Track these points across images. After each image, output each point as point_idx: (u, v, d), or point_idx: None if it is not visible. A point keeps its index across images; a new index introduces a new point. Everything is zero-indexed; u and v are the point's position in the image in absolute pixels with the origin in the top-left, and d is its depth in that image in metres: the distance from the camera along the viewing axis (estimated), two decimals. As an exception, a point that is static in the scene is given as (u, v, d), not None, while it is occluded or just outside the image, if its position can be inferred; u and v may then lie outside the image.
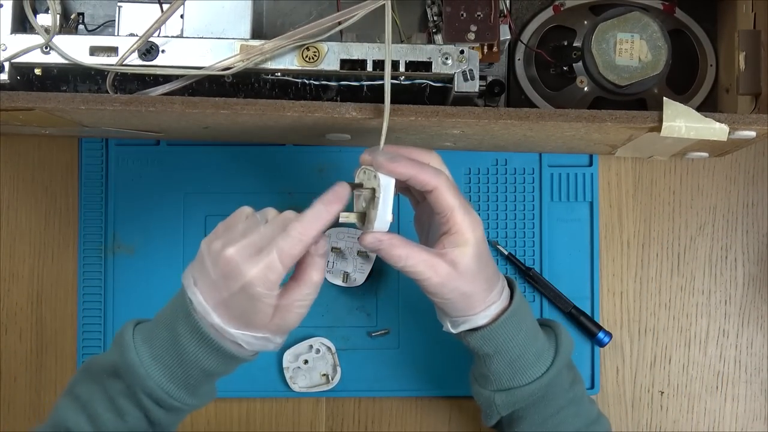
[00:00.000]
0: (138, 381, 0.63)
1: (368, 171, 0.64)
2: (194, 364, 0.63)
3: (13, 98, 0.66)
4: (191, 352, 0.63)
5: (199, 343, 0.63)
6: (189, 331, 0.63)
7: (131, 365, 0.63)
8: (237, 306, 0.62)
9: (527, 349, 0.69)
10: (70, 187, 0.84)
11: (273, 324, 0.63)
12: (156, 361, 0.63)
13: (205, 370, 0.64)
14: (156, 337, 0.64)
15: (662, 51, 0.76)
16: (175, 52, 0.70)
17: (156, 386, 0.63)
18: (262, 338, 0.64)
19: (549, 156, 0.84)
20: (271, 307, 0.62)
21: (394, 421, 0.83)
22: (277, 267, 0.61)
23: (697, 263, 0.84)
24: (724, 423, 0.84)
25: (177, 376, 0.64)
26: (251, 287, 0.61)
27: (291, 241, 0.61)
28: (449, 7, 0.71)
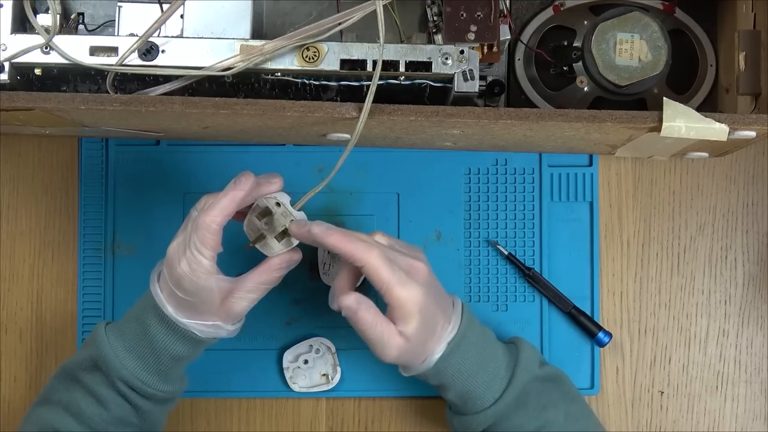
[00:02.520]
0: (114, 371, 0.68)
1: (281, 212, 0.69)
2: (164, 352, 0.69)
3: (13, 98, 0.66)
4: (161, 341, 0.68)
5: (167, 331, 0.68)
6: (157, 321, 0.68)
7: (106, 357, 0.68)
8: (181, 298, 0.67)
9: (475, 379, 0.70)
10: (70, 187, 0.84)
11: (221, 312, 0.69)
12: (129, 352, 0.69)
13: (175, 356, 0.69)
14: (127, 330, 0.70)
15: (662, 51, 0.76)
16: (175, 52, 0.70)
17: (131, 375, 0.69)
18: (213, 326, 0.69)
19: (549, 156, 0.84)
20: (215, 295, 0.67)
21: (394, 421, 0.83)
22: (198, 259, 0.66)
23: (697, 263, 0.85)
24: (724, 423, 0.84)
25: (149, 363, 0.69)
26: (184, 280, 0.66)
27: (200, 233, 0.66)
28: (449, 7, 0.71)
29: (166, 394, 0.71)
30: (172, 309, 0.68)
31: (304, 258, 0.81)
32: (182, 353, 0.69)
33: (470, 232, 0.83)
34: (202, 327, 0.69)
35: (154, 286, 0.69)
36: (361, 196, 0.83)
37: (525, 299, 0.83)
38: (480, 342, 0.72)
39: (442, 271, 0.82)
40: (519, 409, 0.71)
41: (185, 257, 0.66)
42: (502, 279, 0.83)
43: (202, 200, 0.68)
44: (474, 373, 0.70)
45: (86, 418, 0.69)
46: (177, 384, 0.72)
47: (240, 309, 0.69)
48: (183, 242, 0.67)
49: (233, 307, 0.69)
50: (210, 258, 0.66)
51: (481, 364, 0.71)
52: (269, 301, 0.82)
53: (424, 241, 0.83)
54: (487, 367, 0.71)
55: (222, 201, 0.66)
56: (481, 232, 0.83)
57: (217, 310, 0.68)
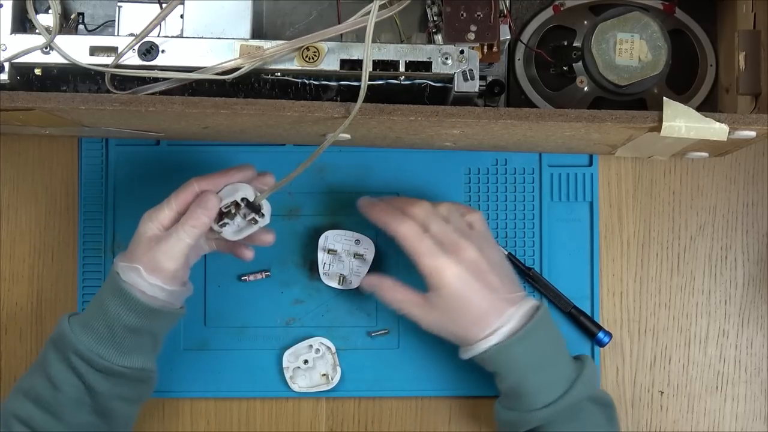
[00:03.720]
0: (70, 346, 0.70)
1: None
2: (117, 322, 0.70)
3: (13, 98, 0.66)
4: (113, 311, 0.70)
5: (117, 298, 0.70)
6: (111, 294, 0.70)
7: (62, 334, 0.70)
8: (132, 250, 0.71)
9: (534, 376, 0.71)
10: (70, 187, 0.84)
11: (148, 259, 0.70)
12: (84, 328, 0.70)
13: (128, 325, 0.70)
14: (87, 312, 0.72)
15: (662, 51, 0.76)
16: (174, 52, 0.70)
17: (86, 349, 0.69)
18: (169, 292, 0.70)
19: (549, 156, 0.84)
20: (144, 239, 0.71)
21: (394, 421, 0.83)
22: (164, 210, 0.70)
23: (697, 263, 0.84)
24: (724, 423, 0.84)
25: (103, 336, 0.70)
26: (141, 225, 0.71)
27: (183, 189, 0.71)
28: (449, 7, 0.71)
29: (126, 370, 0.70)
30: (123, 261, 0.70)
31: (305, 258, 0.82)
32: (135, 323, 0.70)
33: (470, 232, 0.83)
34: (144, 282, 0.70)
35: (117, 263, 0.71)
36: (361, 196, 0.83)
37: (525, 299, 0.83)
38: (548, 344, 0.73)
39: (442, 271, 0.83)
40: (569, 421, 0.71)
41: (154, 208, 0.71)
42: (502, 279, 0.83)
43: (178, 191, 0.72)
44: (534, 371, 0.71)
45: (43, 402, 0.70)
46: (137, 361, 0.71)
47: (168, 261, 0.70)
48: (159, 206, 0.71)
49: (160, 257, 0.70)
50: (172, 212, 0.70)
51: (543, 365, 0.72)
52: (269, 301, 0.83)
53: (424, 241, 0.83)
54: (549, 370, 0.72)
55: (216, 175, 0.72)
56: (481, 232, 0.83)
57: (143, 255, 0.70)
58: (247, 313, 0.83)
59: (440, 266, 0.71)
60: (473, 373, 0.82)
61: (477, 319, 0.71)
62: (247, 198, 0.73)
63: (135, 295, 0.69)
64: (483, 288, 0.71)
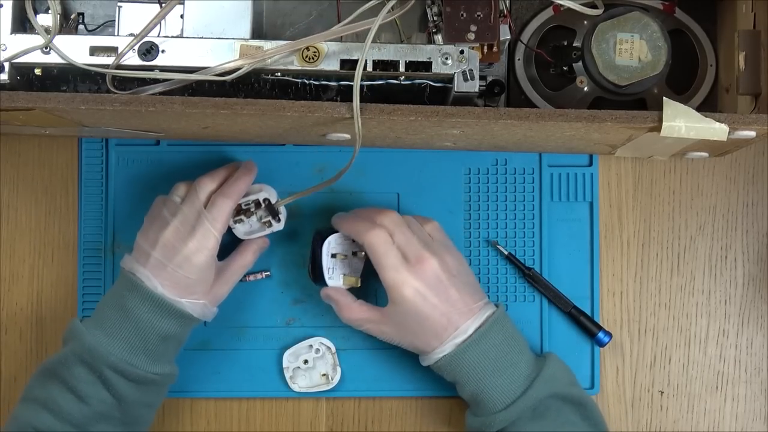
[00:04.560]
0: (101, 359, 0.69)
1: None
2: (151, 330, 0.70)
3: (13, 98, 0.66)
4: (146, 320, 0.70)
5: (153, 308, 0.70)
6: (141, 302, 0.70)
7: (91, 347, 0.69)
8: (183, 276, 0.71)
9: (491, 380, 0.71)
10: (70, 187, 0.84)
11: (211, 293, 0.74)
12: (113, 338, 0.70)
13: (162, 333, 0.71)
14: (105, 318, 0.71)
15: (662, 51, 0.76)
16: (175, 52, 0.70)
17: (118, 359, 0.69)
18: (203, 305, 0.73)
19: (549, 156, 0.84)
20: (211, 275, 0.73)
21: (394, 421, 0.83)
22: (211, 234, 0.71)
23: (697, 263, 0.84)
24: (724, 423, 0.84)
25: (136, 345, 0.70)
26: (193, 257, 0.71)
27: (216, 210, 0.72)
28: (449, 7, 0.71)
29: (157, 377, 0.71)
30: (168, 290, 0.71)
31: (304, 258, 0.82)
32: (170, 330, 0.71)
33: (470, 232, 0.83)
34: (195, 306, 0.72)
35: (141, 272, 0.71)
36: (361, 196, 0.83)
37: (525, 299, 0.83)
38: (504, 346, 0.73)
39: (442, 271, 0.83)
40: (534, 420, 0.71)
41: (195, 235, 0.71)
42: (502, 279, 0.83)
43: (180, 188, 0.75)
44: (490, 375, 0.71)
45: (65, 415, 0.69)
46: (166, 367, 0.73)
47: (223, 292, 0.76)
48: (184, 225, 0.71)
49: (219, 290, 0.75)
50: (219, 236, 0.72)
51: (499, 367, 0.72)
52: (269, 301, 0.83)
53: (424, 241, 0.83)
54: (506, 372, 0.72)
55: (238, 185, 0.74)
56: (481, 232, 0.83)
57: (208, 290, 0.73)
58: (248, 313, 0.82)
59: (401, 281, 0.71)
60: (473, 373, 0.82)
61: (434, 333, 0.72)
62: (269, 199, 0.77)
63: (177, 306, 0.71)
64: (442, 303, 0.71)
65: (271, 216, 0.77)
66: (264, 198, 0.77)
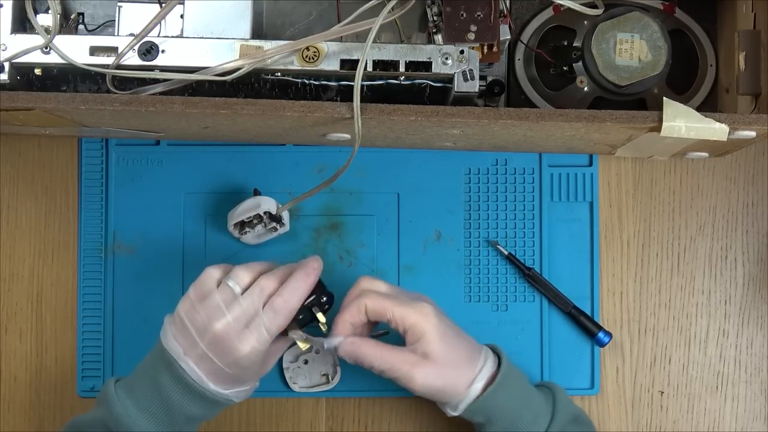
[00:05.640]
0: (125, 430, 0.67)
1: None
2: (180, 412, 0.68)
3: (13, 98, 0.66)
4: (176, 401, 0.68)
5: (184, 391, 0.68)
6: (173, 382, 0.68)
7: (118, 418, 0.67)
8: (230, 373, 0.68)
9: (521, 414, 0.71)
10: (70, 187, 0.84)
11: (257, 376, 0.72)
12: (142, 412, 0.68)
13: (190, 416, 0.69)
14: (139, 390, 0.69)
15: (662, 51, 0.76)
16: (175, 52, 0.70)
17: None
18: (246, 391, 0.72)
19: (549, 156, 0.84)
20: (259, 366, 0.71)
21: (394, 421, 0.83)
22: (266, 340, 0.67)
23: (697, 263, 0.84)
24: (724, 423, 0.84)
25: (163, 423, 0.68)
26: (243, 360, 0.67)
27: (275, 316, 0.67)
28: (449, 7, 0.71)
29: None
30: (213, 384, 0.68)
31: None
32: (199, 414, 0.69)
33: (470, 232, 0.83)
34: (242, 393, 0.71)
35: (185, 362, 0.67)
36: (361, 196, 0.83)
37: (525, 299, 0.83)
38: (521, 380, 0.73)
39: (442, 271, 0.83)
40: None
41: (249, 340, 0.67)
42: (502, 279, 0.83)
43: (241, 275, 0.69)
44: (520, 410, 0.72)
45: None
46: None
47: (267, 369, 0.74)
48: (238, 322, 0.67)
49: (266, 369, 0.74)
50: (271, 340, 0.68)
51: (524, 401, 0.72)
52: (269, 301, 0.82)
53: (424, 241, 0.83)
54: (531, 404, 0.72)
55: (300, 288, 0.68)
56: (481, 232, 0.83)
57: (256, 377, 0.72)
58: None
59: (421, 311, 0.70)
60: (473, 373, 0.82)
61: (466, 360, 0.71)
62: (269, 211, 0.77)
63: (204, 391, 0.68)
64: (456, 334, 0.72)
65: (275, 222, 0.78)
66: (264, 211, 0.78)
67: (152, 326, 0.81)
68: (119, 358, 0.82)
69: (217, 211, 0.82)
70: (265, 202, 0.78)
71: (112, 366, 0.82)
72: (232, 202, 0.80)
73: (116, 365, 0.82)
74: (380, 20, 0.66)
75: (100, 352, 0.82)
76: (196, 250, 0.83)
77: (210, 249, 0.82)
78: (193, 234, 0.83)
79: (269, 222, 0.78)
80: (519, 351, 0.82)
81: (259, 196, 0.79)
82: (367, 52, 0.66)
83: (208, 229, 0.83)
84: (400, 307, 0.70)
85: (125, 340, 0.82)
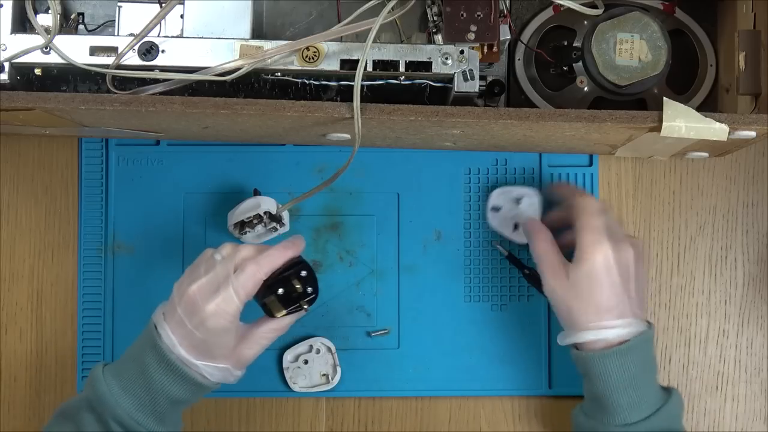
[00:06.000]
0: (108, 410, 0.67)
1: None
2: (161, 393, 0.68)
3: (13, 98, 0.66)
4: (159, 381, 0.68)
5: (166, 372, 0.68)
6: (156, 362, 0.68)
7: (101, 396, 0.68)
8: (200, 339, 0.68)
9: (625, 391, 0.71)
10: (70, 187, 0.84)
11: (233, 356, 0.70)
12: (125, 391, 0.68)
13: (172, 398, 0.68)
14: (124, 370, 0.69)
15: (662, 51, 0.76)
16: (175, 52, 0.70)
17: (125, 415, 0.67)
18: (224, 369, 0.70)
19: (549, 156, 0.84)
20: (232, 339, 0.69)
21: (394, 421, 0.83)
22: (233, 300, 0.67)
23: (697, 263, 0.84)
24: (724, 423, 0.84)
25: (145, 404, 0.68)
26: (210, 320, 0.67)
27: (245, 277, 0.67)
28: (449, 7, 0.71)
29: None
30: (185, 350, 0.68)
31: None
32: (180, 396, 0.69)
33: (470, 232, 0.83)
34: (213, 370, 0.69)
35: (162, 328, 0.68)
36: (361, 196, 0.83)
37: (525, 299, 0.83)
38: (642, 366, 0.72)
39: (442, 271, 0.83)
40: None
41: (216, 298, 0.67)
42: (502, 279, 0.83)
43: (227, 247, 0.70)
44: (622, 388, 0.71)
45: None
46: (170, 427, 0.71)
47: (250, 355, 0.72)
48: (211, 284, 0.68)
49: (245, 352, 0.71)
50: (242, 303, 0.68)
51: (632, 385, 0.71)
52: (269, 301, 0.83)
53: (424, 241, 0.83)
54: (636, 392, 0.71)
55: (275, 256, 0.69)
56: (481, 232, 0.83)
57: (230, 353, 0.70)
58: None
59: (597, 244, 0.71)
60: (474, 373, 0.82)
61: (598, 307, 0.71)
62: (269, 211, 0.77)
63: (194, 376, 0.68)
64: (621, 286, 0.71)
65: (275, 222, 0.78)
66: (264, 211, 0.78)
67: (152, 326, 0.82)
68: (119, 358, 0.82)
69: (217, 211, 0.82)
70: (265, 202, 0.78)
71: (112, 366, 0.82)
72: (232, 202, 0.80)
73: (116, 365, 0.82)
74: (380, 20, 0.66)
75: (100, 352, 0.82)
76: (196, 250, 0.82)
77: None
78: (193, 234, 0.83)
79: (269, 222, 0.78)
80: (519, 351, 0.82)
81: (259, 196, 0.79)
82: (367, 52, 0.66)
83: (208, 229, 0.83)
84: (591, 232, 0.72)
85: (125, 340, 0.82)
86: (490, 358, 0.82)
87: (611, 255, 0.71)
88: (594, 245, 0.71)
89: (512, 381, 0.82)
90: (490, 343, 0.82)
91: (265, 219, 0.78)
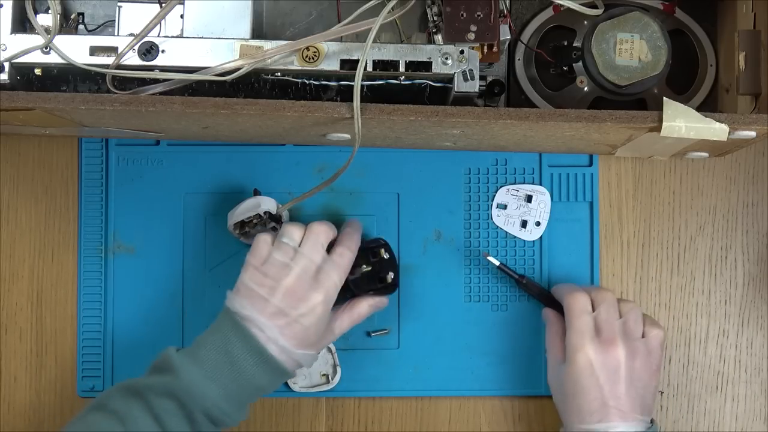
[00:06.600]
0: (194, 400, 0.67)
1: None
2: (250, 383, 0.69)
3: (13, 98, 0.66)
4: (249, 372, 0.68)
5: (259, 363, 0.69)
6: (247, 352, 0.68)
7: (188, 386, 0.67)
8: (303, 328, 0.69)
9: None
10: (70, 187, 0.84)
11: (321, 342, 0.73)
12: (210, 381, 0.68)
13: (258, 387, 0.70)
14: (206, 359, 0.69)
15: (662, 51, 0.76)
16: (175, 52, 0.70)
17: (213, 405, 0.67)
18: (314, 356, 0.73)
19: (549, 156, 0.84)
20: (325, 326, 0.72)
21: (394, 421, 0.83)
22: (334, 283, 0.71)
23: (697, 263, 0.84)
24: (724, 423, 0.84)
25: (232, 393, 0.68)
26: (319, 307, 0.70)
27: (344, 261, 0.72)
28: (449, 7, 0.71)
29: (235, 423, 0.70)
30: (286, 339, 0.69)
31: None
32: (266, 385, 0.70)
33: (470, 232, 0.83)
34: (309, 358, 0.72)
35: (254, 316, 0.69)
36: (361, 196, 0.83)
37: (525, 299, 0.83)
38: None
39: (442, 271, 0.83)
40: None
41: (321, 286, 0.70)
42: (502, 279, 0.83)
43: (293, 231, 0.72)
44: None
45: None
46: (246, 413, 0.71)
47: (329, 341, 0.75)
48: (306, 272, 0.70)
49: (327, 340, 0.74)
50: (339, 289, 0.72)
51: None
52: (269, 301, 0.82)
53: (424, 241, 0.83)
54: None
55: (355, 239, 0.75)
56: (481, 233, 0.83)
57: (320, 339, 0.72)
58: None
59: (579, 346, 0.73)
60: (474, 372, 0.82)
61: (580, 411, 0.72)
62: (269, 211, 0.77)
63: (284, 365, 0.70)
64: (605, 389, 0.71)
65: (276, 222, 0.78)
66: (264, 211, 0.77)
67: (152, 326, 0.82)
68: (119, 358, 0.82)
69: (217, 211, 0.82)
70: (265, 202, 0.78)
71: (112, 366, 0.82)
72: (232, 202, 0.80)
73: (116, 365, 0.82)
74: (380, 20, 0.66)
75: (100, 352, 0.82)
76: (196, 250, 0.83)
77: (210, 249, 0.82)
78: (193, 234, 0.83)
79: (269, 222, 0.78)
80: (519, 351, 0.82)
81: (259, 196, 0.79)
82: (367, 52, 0.66)
83: (208, 229, 0.83)
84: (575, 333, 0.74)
85: (125, 340, 0.82)
86: (490, 358, 0.82)
87: (594, 358, 0.72)
88: (575, 349, 0.73)
89: (513, 381, 0.82)
90: (490, 344, 0.82)
91: (265, 219, 0.78)
